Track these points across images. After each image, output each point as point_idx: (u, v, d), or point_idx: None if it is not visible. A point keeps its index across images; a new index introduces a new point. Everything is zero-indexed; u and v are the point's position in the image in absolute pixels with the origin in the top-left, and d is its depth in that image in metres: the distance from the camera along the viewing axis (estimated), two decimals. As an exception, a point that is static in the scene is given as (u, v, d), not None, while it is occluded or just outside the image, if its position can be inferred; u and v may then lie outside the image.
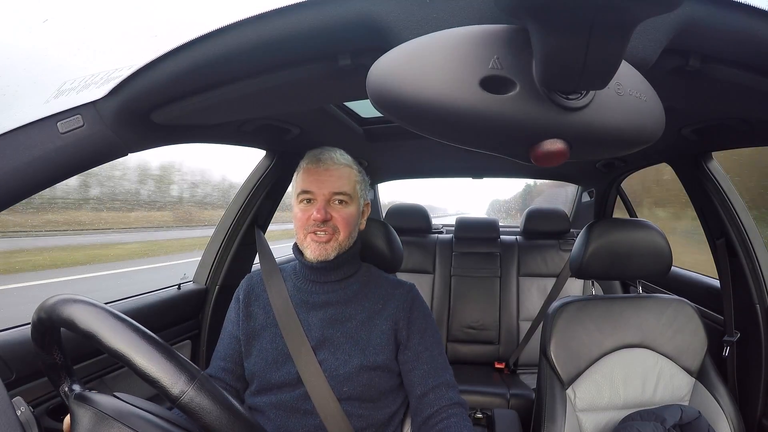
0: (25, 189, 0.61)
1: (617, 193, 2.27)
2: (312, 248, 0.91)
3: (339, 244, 0.92)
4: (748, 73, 0.54)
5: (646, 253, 1.11)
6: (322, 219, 0.89)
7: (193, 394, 0.48)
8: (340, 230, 0.92)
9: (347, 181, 0.93)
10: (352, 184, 0.94)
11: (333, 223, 0.91)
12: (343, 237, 0.92)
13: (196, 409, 0.48)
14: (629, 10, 0.27)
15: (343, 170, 0.93)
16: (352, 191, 0.94)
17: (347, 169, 0.95)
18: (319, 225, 0.90)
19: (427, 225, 2.49)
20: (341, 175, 0.93)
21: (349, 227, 0.93)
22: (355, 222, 0.95)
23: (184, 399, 0.47)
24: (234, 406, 0.50)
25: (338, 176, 0.92)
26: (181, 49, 0.55)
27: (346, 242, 0.93)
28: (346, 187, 0.92)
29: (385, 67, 0.35)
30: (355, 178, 0.96)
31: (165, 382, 0.47)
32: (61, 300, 0.52)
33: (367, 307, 0.94)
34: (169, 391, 0.47)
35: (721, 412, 1.03)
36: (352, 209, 0.93)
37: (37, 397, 0.88)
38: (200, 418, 0.48)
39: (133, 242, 7.27)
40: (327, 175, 0.91)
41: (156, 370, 0.48)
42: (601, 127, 0.38)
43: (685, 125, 1.12)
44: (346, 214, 0.92)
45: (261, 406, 0.90)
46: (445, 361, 0.95)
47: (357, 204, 0.95)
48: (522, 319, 2.21)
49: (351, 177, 0.94)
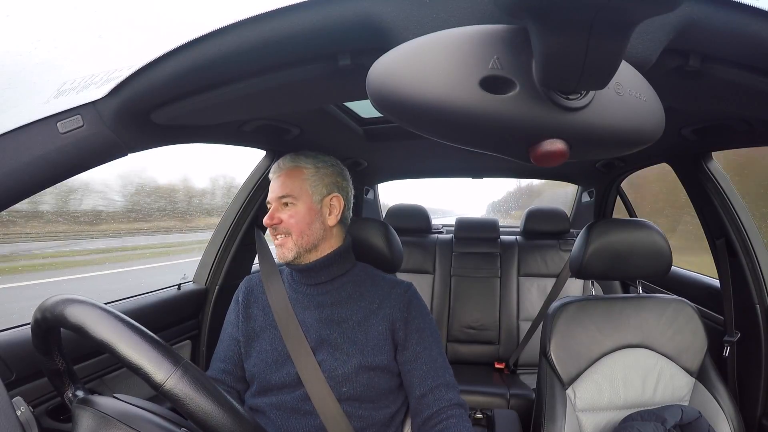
0: (25, 189, 0.61)
1: (617, 193, 2.27)
2: (275, 253, 0.96)
3: (295, 244, 0.93)
4: (748, 73, 0.54)
5: (646, 253, 1.11)
6: (269, 224, 0.94)
7: (176, 381, 0.47)
8: (291, 231, 0.93)
9: (291, 182, 0.95)
10: (298, 183, 0.95)
11: (283, 226, 0.93)
12: (296, 236, 0.93)
13: (179, 396, 0.47)
14: (629, 10, 0.27)
15: (290, 173, 0.96)
16: (296, 191, 0.94)
17: (294, 171, 0.96)
18: (273, 230, 0.94)
19: (427, 225, 2.49)
20: (286, 177, 0.95)
21: (299, 226, 0.93)
22: (306, 219, 0.94)
23: (167, 385, 0.47)
24: (218, 393, 0.50)
25: (283, 180, 0.95)
26: (181, 49, 0.55)
27: (302, 241, 0.93)
28: (288, 188, 0.94)
29: (385, 67, 0.35)
30: (303, 177, 0.95)
31: (148, 369, 0.47)
32: (55, 299, 0.53)
33: (362, 307, 0.94)
34: (152, 378, 0.47)
35: (721, 412, 1.03)
36: (298, 208, 0.94)
37: (37, 397, 0.88)
38: (184, 405, 0.47)
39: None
40: (276, 182, 0.96)
41: (138, 357, 0.47)
42: (601, 127, 0.38)
43: (685, 125, 1.12)
44: (292, 214, 0.93)
45: (262, 407, 0.90)
46: (444, 361, 0.95)
47: (307, 201, 0.94)
48: (522, 319, 2.21)
49: (297, 176, 0.95)
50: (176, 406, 0.48)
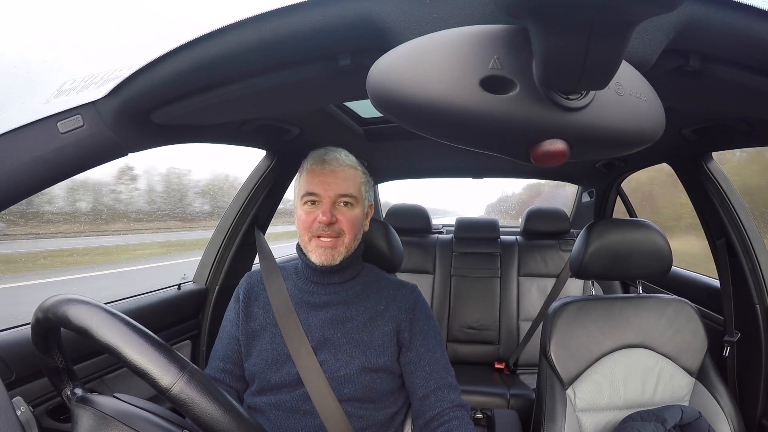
0: (25, 189, 0.61)
1: (617, 193, 2.27)
2: (318, 253, 0.90)
3: (345, 248, 0.91)
4: (748, 73, 0.54)
5: (646, 253, 1.11)
6: (327, 222, 0.87)
7: (183, 386, 0.47)
8: (345, 233, 0.90)
9: (353, 183, 0.92)
10: (358, 186, 0.93)
11: (338, 226, 0.89)
12: (348, 240, 0.91)
13: (186, 401, 0.47)
14: (629, 10, 0.27)
15: (348, 171, 0.92)
16: (357, 193, 0.92)
17: (352, 171, 0.93)
18: (325, 228, 0.88)
19: (427, 225, 2.49)
20: (347, 176, 0.91)
21: (354, 230, 0.92)
22: (360, 224, 0.94)
23: (174, 390, 0.47)
24: (224, 398, 0.50)
25: (344, 178, 0.91)
26: (181, 49, 0.55)
27: (352, 245, 0.93)
28: (352, 189, 0.91)
29: (385, 67, 0.35)
30: (360, 180, 0.94)
31: (154, 374, 0.47)
32: (57, 299, 0.52)
33: (369, 308, 0.94)
34: (158, 383, 0.47)
35: (721, 412, 1.03)
36: (357, 212, 0.92)
37: (37, 397, 0.88)
38: (190, 410, 0.47)
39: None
40: (333, 176, 0.90)
41: (145, 361, 0.47)
42: (602, 127, 0.38)
43: (685, 125, 1.12)
44: (351, 217, 0.91)
45: (261, 407, 0.90)
46: (447, 363, 0.95)
47: (362, 206, 0.94)
48: (522, 320, 2.21)
49: (356, 179, 0.93)
50: (182, 411, 0.48)
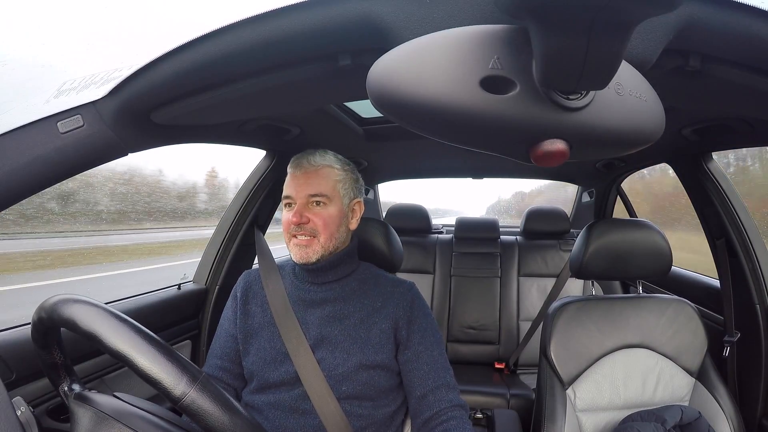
0: (25, 189, 0.61)
1: (617, 193, 2.27)
2: (294, 252, 0.93)
3: (322, 247, 0.92)
4: (748, 73, 0.54)
5: (646, 253, 1.11)
6: (297, 222, 0.90)
7: (195, 396, 0.48)
8: (319, 232, 0.91)
9: (325, 182, 0.93)
10: (331, 184, 0.94)
11: (311, 226, 0.91)
12: (324, 239, 0.92)
13: (198, 411, 0.48)
14: (629, 10, 0.27)
15: (321, 171, 0.94)
16: (330, 191, 0.93)
17: (327, 170, 0.94)
18: (297, 228, 0.91)
19: (427, 225, 2.49)
20: (319, 176, 0.93)
21: (328, 228, 0.92)
22: (336, 222, 0.94)
23: (186, 400, 0.47)
24: (236, 408, 0.50)
25: (315, 178, 0.93)
26: (181, 49, 0.55)
27: (329, 243, 0.93)
28: (323, 188, 0.92)
29: (385, 67, 0.35)
30: (336, 178, 0.95)
31: (167, 384, 0.47)
32: (62, 300, 0.52)
33: (366, 305, 0.94)
34: (171, 393, 0.47)
35: (721, 413, 1.02)
36: (330, 210, 0.93)
37: (37, 397, 0.88)
38: (202, 420, 0.48)
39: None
40: (304, 178, 0.93)
41: (158, 371, 0.47)
42: (602, 127, 0.38)
43: (685, 125, 1.12)
44: (325, 216, 0.92)
45: (259, 405, 0.90)
46: (445, 362, 0.95)
47: (338, 204, 0.94)
48: (522, 320, 2.21)
49: (330, 177, 0.94)
50: (194, 421, 0.48)
